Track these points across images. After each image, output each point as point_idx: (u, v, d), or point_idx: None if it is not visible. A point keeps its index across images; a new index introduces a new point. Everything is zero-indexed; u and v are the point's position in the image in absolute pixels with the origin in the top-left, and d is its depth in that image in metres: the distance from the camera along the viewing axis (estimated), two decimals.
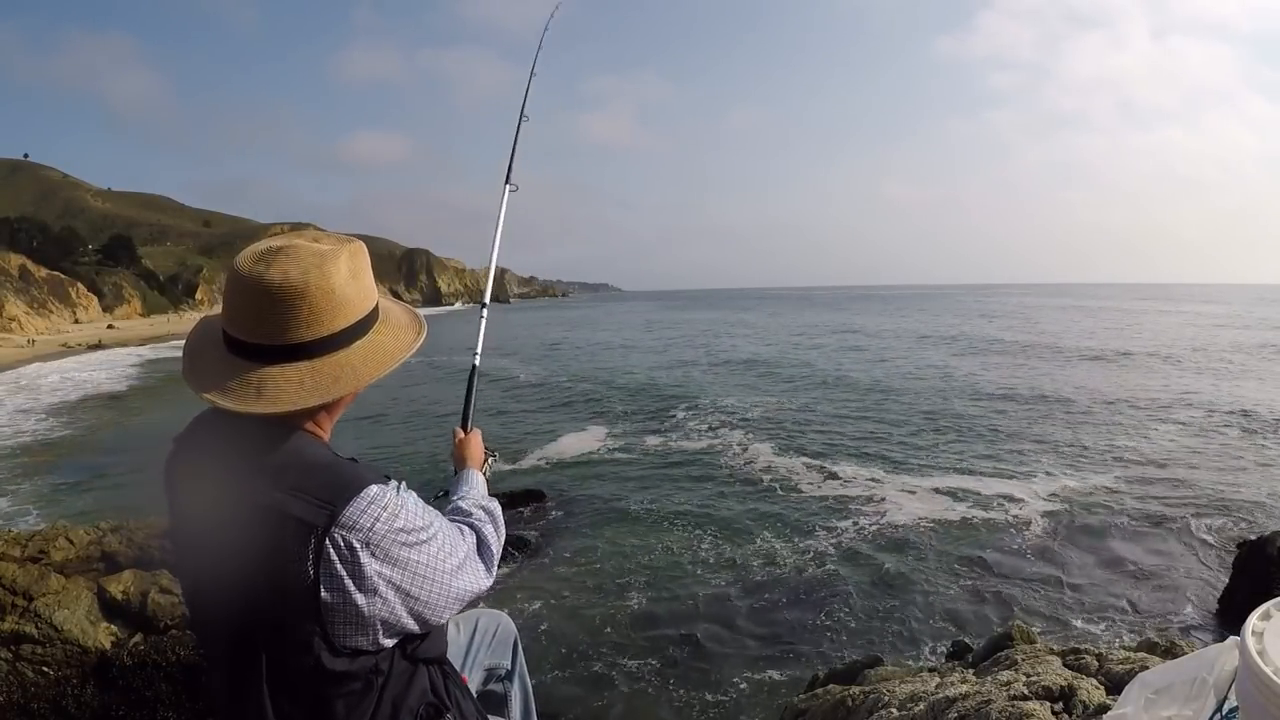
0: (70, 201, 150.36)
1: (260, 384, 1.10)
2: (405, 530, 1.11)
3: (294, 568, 1.04)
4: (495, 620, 1.82)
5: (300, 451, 1.12)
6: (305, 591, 1.04)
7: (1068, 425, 15.73)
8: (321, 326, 1.12)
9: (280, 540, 1.04)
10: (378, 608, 1.08)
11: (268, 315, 1.10)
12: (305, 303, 1.10)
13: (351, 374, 1.15)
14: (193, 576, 1.22)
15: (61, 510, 10.22)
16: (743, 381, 25.00)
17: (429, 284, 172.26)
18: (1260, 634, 1.02)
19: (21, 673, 3.67)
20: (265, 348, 1.11)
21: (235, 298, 1.13)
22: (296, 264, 1.11)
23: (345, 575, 1.05)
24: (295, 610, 1.05)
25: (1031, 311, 71.68)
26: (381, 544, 1.08)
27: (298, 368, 1.11)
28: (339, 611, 1.06)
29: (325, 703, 1.10)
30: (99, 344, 48.36)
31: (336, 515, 1.05)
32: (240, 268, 1.12)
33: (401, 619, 1.12)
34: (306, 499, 1.06)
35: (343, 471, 1.11)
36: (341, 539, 1.05)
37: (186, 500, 1.19)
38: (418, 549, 1.13)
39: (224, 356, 1.15)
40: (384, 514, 1.08)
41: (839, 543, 8.85)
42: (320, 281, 1.11)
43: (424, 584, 1.13)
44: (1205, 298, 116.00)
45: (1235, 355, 29.42)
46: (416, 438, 15.65)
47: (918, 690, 2.70)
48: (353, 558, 1.06)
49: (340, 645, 1.08)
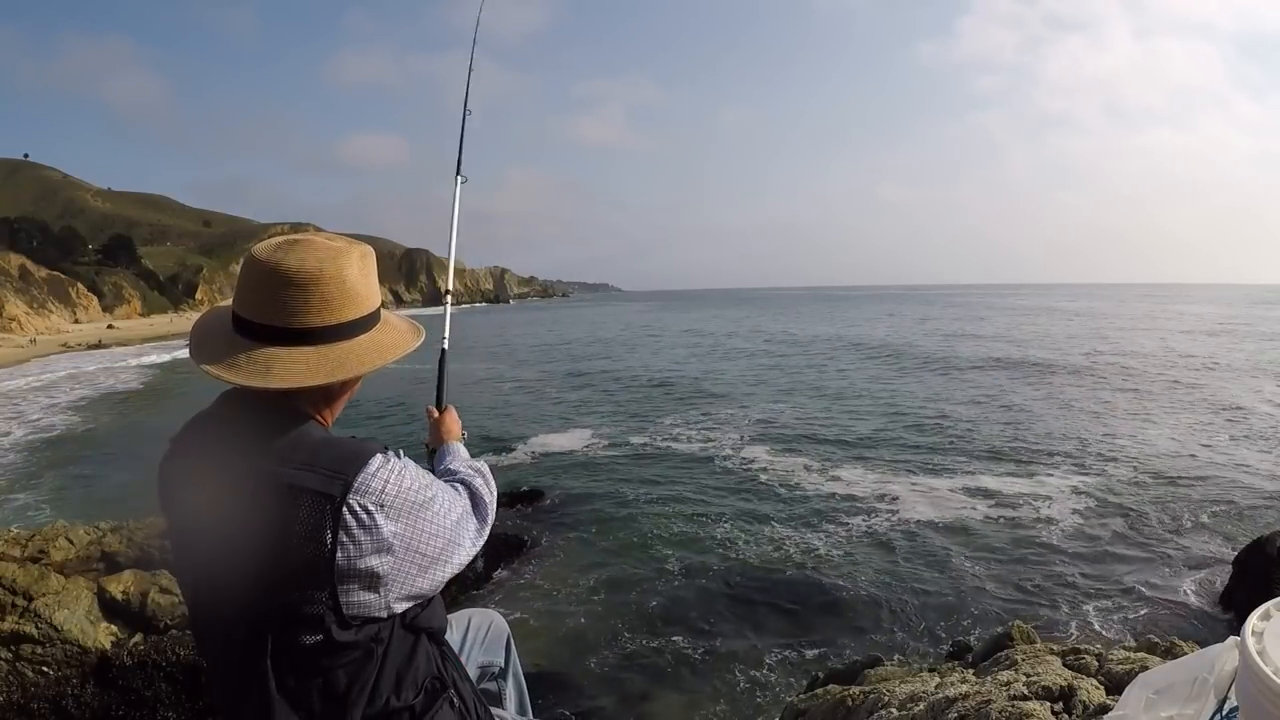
0: (70, 201, 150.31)
1: (268, 362, 1.14)
2: (412, 489, 1.16)
3: (309, 539, 1.07)
4: (487, 619, 1.84)
5: (306, 434, 1.16)
6: (321, 561, 1.07)
7: (1066, 426, 15.73)
8: (331, 314, 1.17)
9: (294, 515, 1.07)
10: (394, 568, 1.12)
11: (281, 298, 1.14)
12: (319, 289, 1.15)
13: (356, 360, 1.19)
14: (196, 569, 1.22)
15: (65, 509, 10.22)
16: (743, 383, 25.00)
17: (429, 284, 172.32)
18: (1260, 634, 1.02)
19: (21, 673, 3.66)
20: (275, 329, 1.15)
21: (250, 281, 1.17)
22: (313, 253, 1.16)
23: (365, 540, 1.09)
24: (308, 584, 1.08)
25: (1029, 312, 71.66)
26: (395, 504, 1.13)
27: (304, 351, 1.15)
28: (356, 578, 1.09)
29: (328, 673, 1.13)
30: (99, 344, 48.38)
31: (350, 483, 1.09)
32: (258, 254, 1.17)
33: (414, 580, 1.16)
34: (319, 472, 1.10)
35: (347, 445, 1.16)
36: (359, 504, 1.09)
37: (188, 494, 1.19)
38: (425, 507, 1.17)
39: (231, 337, 1.18)
40: (393, 476, 1.13)
41: (839, 543, 8.86)
42: (334, 271, 1.16)
43: (432, 540, 1.18)
44: (1207, 298, 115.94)
45: (1233, 355, 29.44)
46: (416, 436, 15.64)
47: (918, 690, 2.70)
48: (370, 520, 1.10)
49: (351, 616, 1.10)
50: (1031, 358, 29.45)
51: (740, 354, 35.36)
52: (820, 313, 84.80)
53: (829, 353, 34.55)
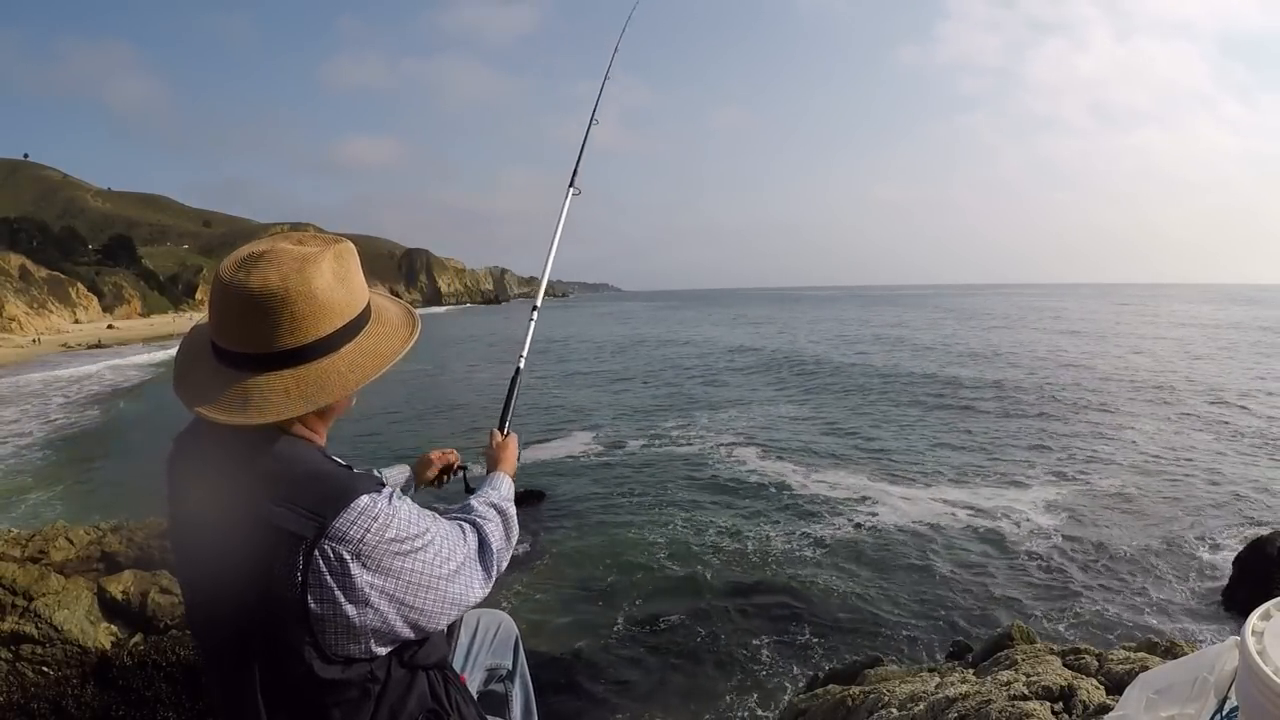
0: (70, 201, 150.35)
1: (246, 394, 1.09)
2: (397, 540, 1.09)
3: (283, 579, 1.03)
4: (496, 620, 1.81)
5: (293, 460, 1.11)
6: (295, 602, 1.04)
7: (1065, 427, 15.73)
8: (304, 333, 1.11)
9: (271, 552, 1.04)
10: (369, 618, 1.07)
11: (250, 323, 1.09)
12: (286, 309, 1.09)
13: (339, 381, 1.13)
14: (188, 580, 1.22)
15: (66, 508, 10.22)
16: (744, 384, 24.98)
17: (429, 284, 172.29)
18: (1260, 634, 1.02)
19: (21, 673, 3.66)
20: (250, 356, 1.10)
21: (218, 305, 1.12)
22: (276, 270, 1.09)
23: (335, 587, 1.04)
24: (285, 620, 1.04)
25: (1024, 312, 71.62)
26: (373, 555, 1.07)
27: (282, 376, 1.10)
28: (329, 622, 1.05)
29: (321, 711, 1.10)
30: (99, 344, 48.39)
31: (326, 527, 1.04)
32: (222, 275, 1.11)
33: (395, 627, 1.11)
34: (296, 511, 1.05)
35: (334, 482, 1.09)
36: (331, 551, 1.04)
37: (183, 504, 1.19)
38: (410, 557, 1.11)
39: (212, 366, 1.14)
40: (374, 525, 1.07)
41: (839, 544, 8.85)
42: (301, 286, 1.09)
43: (418, 591, 1.12)
44: (1204, 298, 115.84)
45: (1230, 356, 29.43)
46: (418, 435, 15.64)
47: (918, 690, 2.70)
48: (342, 569, 1.05)
49: (332, 654, 1.07)
50: (1032, 360, 29.44)
51: (740, 355, 35.33)
52: (821, 313, 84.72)
53: (829, 353, 34.54)
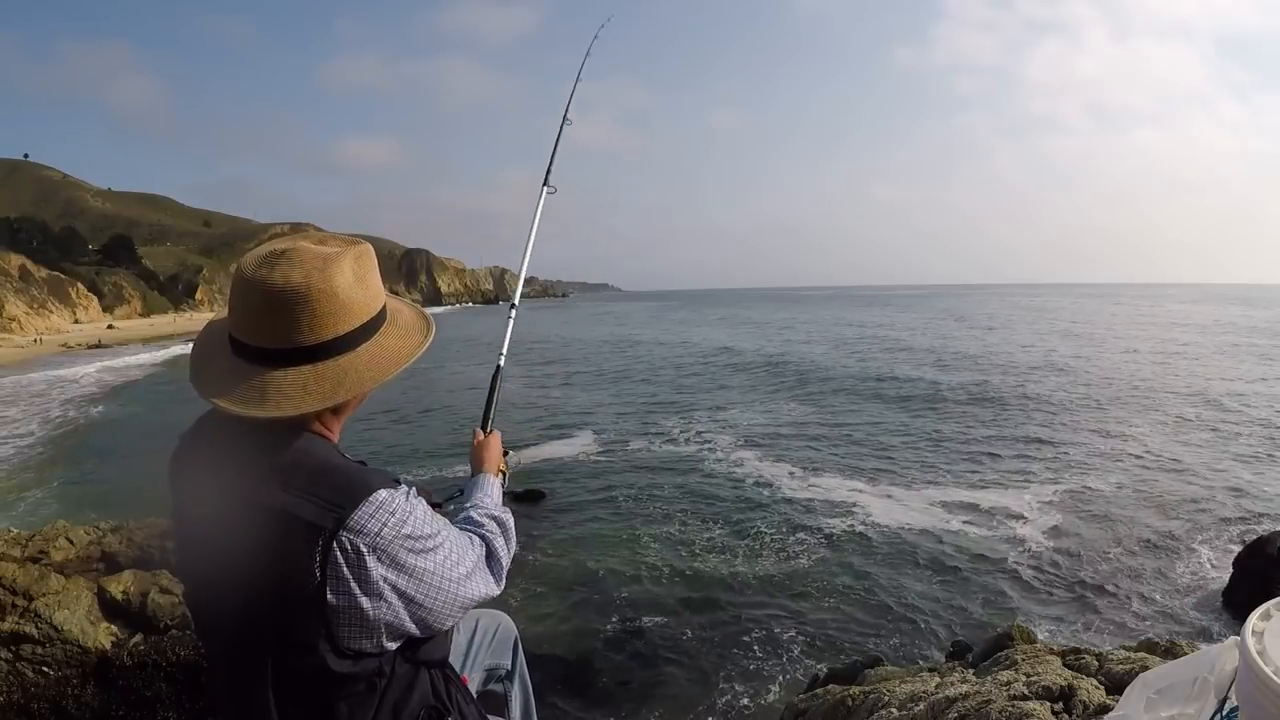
0: (70, 201, 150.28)
1: (264, 388, 1.10)
2: (412, 537, 1.11)
3: (301, 570, 1.04)
4: (495, 620, 1.81)
5: (309, 453, 1.12)
6: (312, 593, 1.04)
7: (1064, 427, 15.73)
8: (324, 330, 1.13)
9: (288, 543, 1.05)
10: (382, 611, 1.08)
11: (271, 319, 1.11)
12: (308, 306, 1.11)
13: (355, 378, 1.15)
14: (196, 577, 1.22)
15: (66, 508, 10.22)
16: (743, 384, 24.98)
17: (429, 284, 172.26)
18: (1260, 634, 1.02)
19: (21, 673, 3.66)
20: (269, 351, 1.12)
21: (240, 301, 1.14)
22: (299, 268, 1.11)
23: (351, 579, 1.06)
24: (300, 612, 1.05)
25: (1023, 312, 71.63)
26: (389, 549, 1.08)
27: (301, 371, 1.12)
28: (344, 614, 1.06)
29: (329, 705, 1.11)
30: (99, 344, 48.40)
31: (345, 519, 1.05)
32: (244, 271, 1.13)
33: (405, 624, 1.12)
34: (315, 502, 1.06)
35: (352, 475, 1.11)
36: (349, 542, 1.05)
37: (192, 500, 1.19)
38: (424, 556, 1.13)
39: (230, 360, 1.15)
40: (392, 519, 1.08)
41: (838, 545, 8.86)
42: (323, 285, 1.11)
43: (429, 591, 1.13)
44: (1201, 298, 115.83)
45: (1228, 356, 29.43)
46: (423, 433, 15.65)
47: (918, 690, 2.69)
48: (359, 562, 1.06)
49: (345, 647, 1.08)
50: (1030, 360, 29.45)
51: (740, 356, 35.33)
52: (820, 313, 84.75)
53: (828, 353, 34.54)
